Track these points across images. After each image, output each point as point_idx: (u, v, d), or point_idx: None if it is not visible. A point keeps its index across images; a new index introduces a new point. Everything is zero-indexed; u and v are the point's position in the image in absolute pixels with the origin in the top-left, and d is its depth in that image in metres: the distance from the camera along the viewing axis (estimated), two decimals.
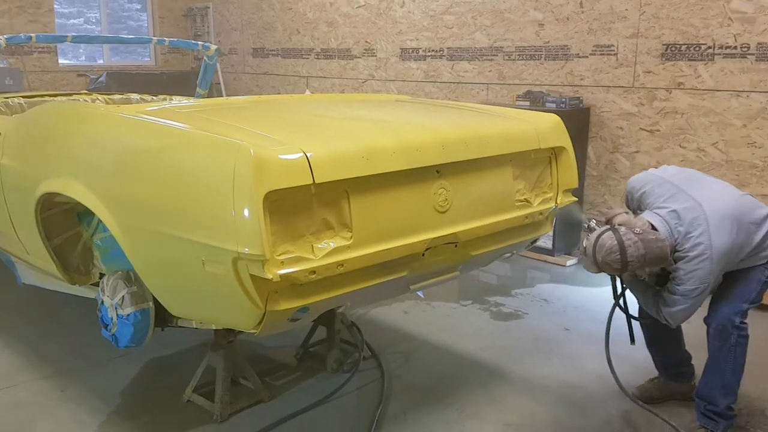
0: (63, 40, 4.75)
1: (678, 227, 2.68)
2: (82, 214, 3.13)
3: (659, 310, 2.82)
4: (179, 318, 2.80)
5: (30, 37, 4.46)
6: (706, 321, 2.85)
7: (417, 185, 2.58)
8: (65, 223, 3.15)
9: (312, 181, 2.21)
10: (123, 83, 8.50)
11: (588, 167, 5.41)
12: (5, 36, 4.36)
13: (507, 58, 5.87)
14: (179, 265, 2.42)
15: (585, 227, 2.89)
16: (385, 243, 2.46)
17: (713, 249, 2.62)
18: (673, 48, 4.79)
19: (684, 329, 3.19)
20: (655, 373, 3.28)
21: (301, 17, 8.01)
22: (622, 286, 3.03)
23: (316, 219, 2.30)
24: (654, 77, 4.93)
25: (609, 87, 5.20)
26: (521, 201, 3.04)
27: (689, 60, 4.73)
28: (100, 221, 2.92)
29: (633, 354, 3.29)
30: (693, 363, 3.22)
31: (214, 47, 5.32)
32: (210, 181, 2.22)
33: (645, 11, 4.91)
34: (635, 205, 2.94)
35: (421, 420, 3.03)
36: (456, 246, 2.75)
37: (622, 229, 2.65)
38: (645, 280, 2.89)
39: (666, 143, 4.92)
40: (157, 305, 2.76)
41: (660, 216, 2.73)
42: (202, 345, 3.61)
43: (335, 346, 3.48)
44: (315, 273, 2.26)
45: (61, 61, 9.06)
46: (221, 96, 8.32)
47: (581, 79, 5.36)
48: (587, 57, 5.31)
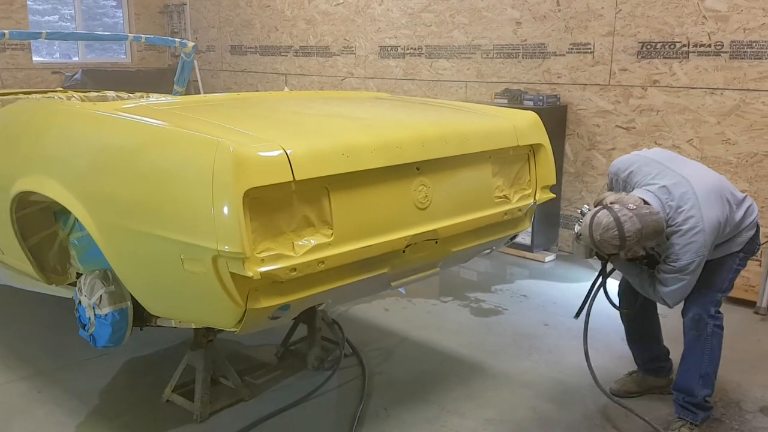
0: (37, 36, 4.68)
1: (669, 202, 2.71)
2: (58, 212, 3.09)
3: (656, 291, 2.84)
4: (158, 317, 2.78)
5: (3, 34, 4.39)
6: (682, 313, 2.90)
7: (397, 182, 2.59)
8: (41, 222, 3.11)
9: (292, 178, 2.21)
10: (99, 81, 8.39)
11: (565, 164, 5.46)
12: None
13: (485, 56, 5.90)
14: (158, 264, 2.40)
15: (579, 214, 2.92)
16: (366, 240, 2.47)
17: (704, 221, 2.66)
18: (649, 46, 4.85)
19: (662, 324, 3.24)
20: (634, 367, 3.33)
21: (280, 14, 7.98)
22: (605, 274, 3.01)
23: (296, 216, 2.30)
24: (630, 75, 4.99)
25: (586, 85, 5.25)
26: (500, 197, 3.06)
27: (664, 58, 4.79)
28: (76, 220, 2.89)
29: (612, 346, 3.33)
30: (671, 358, 3.27)
31: (191, 44, 5.28)
32: (189, 179, 2.21)
33: (621, 9, 4.96)
34: (622, 186, 2.96)
35: (402, 417, 3.04)
36: (436, 242, 2.77)
37: (615, 206, 2.67)
38: (638, 262, 2.90)
39: (642, 140, 4.97)
40: (136, 304, 2.74)
41: (651, 192, 2.76)
42: (181, 344, 3.59)
43: (316, 343, 3.47)
44: (296, 270, 2.26)
45: (35, 59, 8.92)
46: (199, 93, 8.26)
47: (558, 77, 5.41)
48: (564, 55, 5.35)
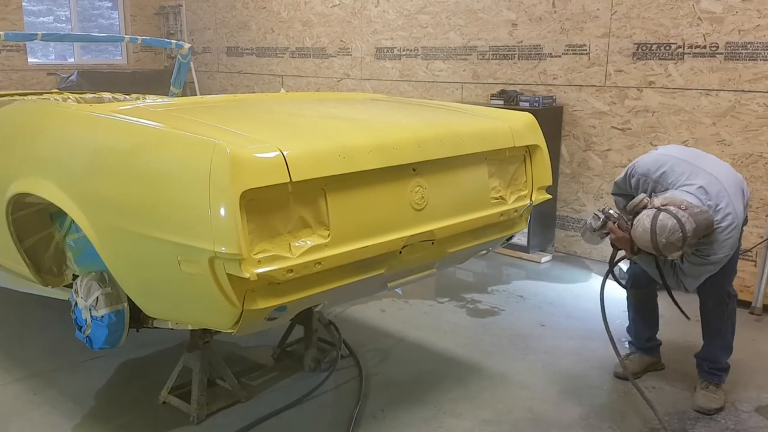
0: (33, 38, 4.68)
1: (708, 201, 2.79)
2: (54, 214, 3.09)
3: (678, 280, 2.97)
4: (154, 319, 2.78)
5: None
6: (701, 295, 3.10)
7: (394, 183, 2.59)
8: (37, 224, 3.11)
9: (289, 180, 2.21)
10: (95, 82, 8.38)
11: (561, 165, 5.47)
12: None
13: (481, 57, 5.91)
14: (155, 266, 2.40)
15: (599, 215, 2.98)
16: (363, 241, 2.47)
17: (738, 217, 2.80)
18: (644, 47, 4.87)
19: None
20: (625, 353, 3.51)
21: (276, 16, 7.98)
22: (612, 267, 3.15)
23: (293, 217, 2.30)
24: (625, 76, 5.00)
25: (581, 86, 5.26)
26: (497, 198, 3.06)
27: (660, 59, 4.80)
28: (72, 222, 2.88)
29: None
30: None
31: (187, 46, 5.28)
32: (186, 180, 2.21)
33: (616, 11, 4.98)
34: (652, 186, 2.99)
35: (399, 418, 3.05)
36: (433, 243, 2.77)
37: (671, 208, 2.70)
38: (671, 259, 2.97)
39: (637, 141, 4.99)
40: (132, 306, 2.73)
41: (690, 193, 2.82)
42: (177, 346, 3.59)
43: (313, 345, 3.47)
44: (292, 271, 2.26)
45: (31, 60, 8.90)
46: (195, 95, 8.25)
47: (554, 79, 5.42)
48: (560, 56, 5.36)
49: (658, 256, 2.85)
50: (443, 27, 6.18)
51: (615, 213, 3.02)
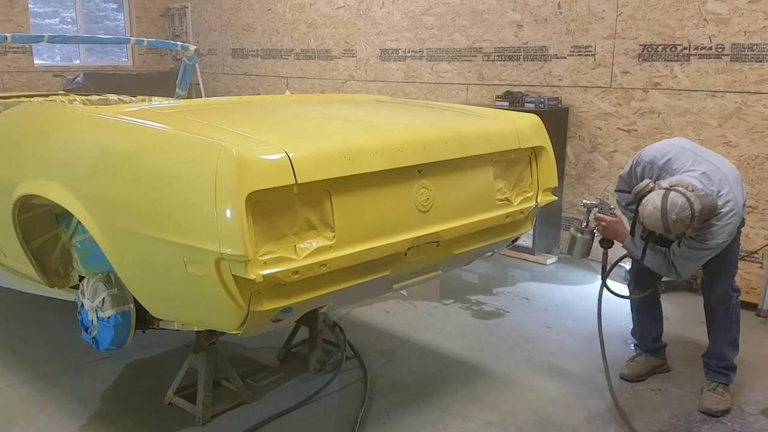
0: (39, 40, 4.69)
1: (710, 187, 2.86)
2: (60, 216, 3.09)
3: (670, 266, 3.02)
4: (160, 320, 2.78)
5: (5, 37, 4.39)
6: (704, 290, 3.14)
7: (399, 185, 2.59)
8: (43, 226, 3.11)
9: (294, 181, 2.21)
10: (100, 84, 8.41)
11: (567, 166, 5.46)
12: None
13: (486, 58, 5.91)
14: (161, 267, 2.40)
15: (581, 206, 3.14)
16: (368, 242, 2.47)
17: (738, 204, 2.87)
18: (650, 49, 4.86)
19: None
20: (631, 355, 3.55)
21: (281, 18, 7.99)
22: (606, 276, 3.24)
23: (298, 219, 2.30)
24: (631, 77, 4.99)
25: (587, 87, 5.25)
26: (502, 200, 3.06)
27: (666, 60, 4.79)
28: (79, 223, 2.89)
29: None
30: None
31: (193, 48, 5.29)
32: (192, 182, 2.21)
33: (622, 12, 4.97)
34: (657, 173, 3.05)
35: (404, 419, 3.04)
36: (438, 245, 2.77)
37: (680, 188, 2.76)
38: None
39: (643, 143, 4.97)
40: (138, 307, 2.74)
41: (695, 178, 2.88)
42: (183, 347, 3.60)
43: (318, 346, 3.48)
44: (298, 273, 2.26)
45: (37, 62, 8.94)
46: (201, 97, 8.27)
47: (560, 80, 5.41)
48: (565, 58, 5.35)
49: (665, 235, 2.87)
50: (448, 28, 6.18)
51: (596, 200, 3.20)
